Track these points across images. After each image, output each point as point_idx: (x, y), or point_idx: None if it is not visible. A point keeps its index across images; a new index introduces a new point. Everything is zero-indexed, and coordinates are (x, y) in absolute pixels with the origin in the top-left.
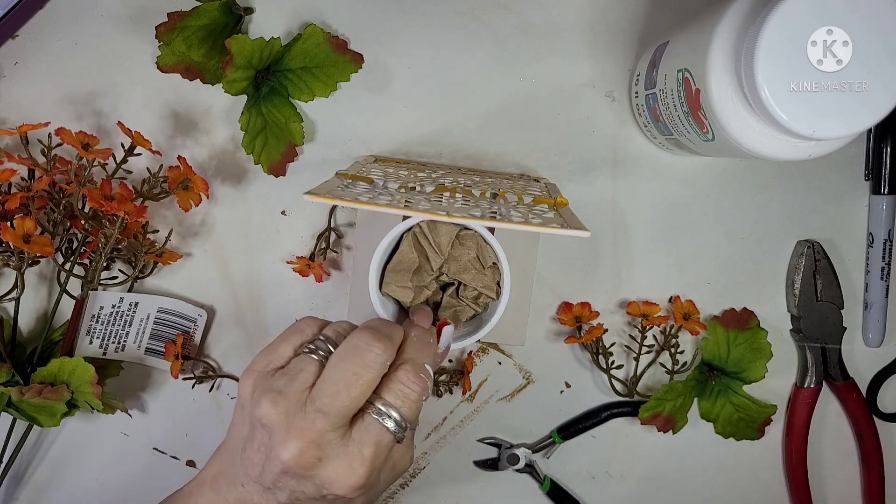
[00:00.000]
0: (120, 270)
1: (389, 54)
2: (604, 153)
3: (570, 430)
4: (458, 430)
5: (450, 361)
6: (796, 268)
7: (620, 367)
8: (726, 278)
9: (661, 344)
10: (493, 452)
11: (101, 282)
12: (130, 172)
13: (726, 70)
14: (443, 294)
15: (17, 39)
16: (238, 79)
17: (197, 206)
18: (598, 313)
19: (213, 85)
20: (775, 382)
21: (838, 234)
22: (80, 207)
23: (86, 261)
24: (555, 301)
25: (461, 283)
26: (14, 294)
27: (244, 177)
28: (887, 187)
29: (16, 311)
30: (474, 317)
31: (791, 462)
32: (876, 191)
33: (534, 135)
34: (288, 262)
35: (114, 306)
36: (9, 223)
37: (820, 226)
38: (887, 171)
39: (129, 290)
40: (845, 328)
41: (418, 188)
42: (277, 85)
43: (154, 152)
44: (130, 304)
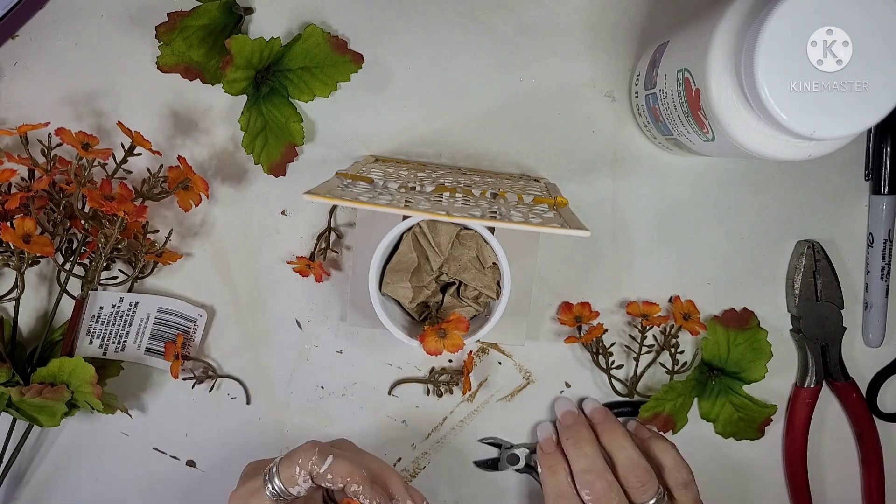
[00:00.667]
0: (120, 270)
1: (389, 54)
2: (604, 153)
3: None
4: (458, 430)
5: (450, 361)
6: (796, 268)
7: (620, 367)
8: (726, 278)
9: (661, 344)
10: (493, 452)
11: (101, 282)
12: (130, 172)
13: (726, 70)
14: (443, 294)
15: (17, 39)
16: (238, 79)
17: (197, 206)
18: (598, 313)
19: (213, 85)
20: (775, 382)
21: (838, 234)
22: (80, 207)
23: (86, 261)
24: (555, 301)
25: (461, 282)
26: (14, 294)
27: (244, 177)
28: (887, 187)
29: (16, 311)
30: (474, 317)
31: (791, 462)
32: (876, 191)
33: (534, 135)
34: (288, 262)
35: (114, 306)
36: (9, 223)
37: (820, 226)
38: (887, 171)
39: (129, 290)
40: (845, 328)
41: (418, 188)
42: (277, 85)
43: (154, 152)
44: (130, 304)
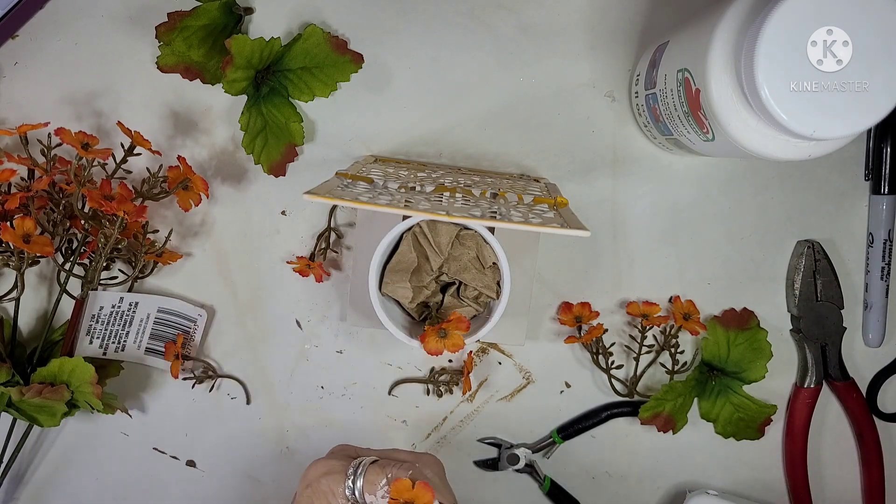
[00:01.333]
0: (120, 270)
1: (389, 54)
2: (604, 153)
3: (570, 430)
4: (458, 430)
5: (449, 361)
6: (796, 268)
7: (620, 367)
8: (726, 278)
9: (661, 344)
10: (493, 452)
11: (101, 282)
12: (130, 172)
13: (726, 70)
14: (443, 294)
15: (17, 39)
16: (238, 79)
17: (197, 206)
18: (598, 313)
19: (213, 85)
20: (775, 382)
21: (838, 234)
22: (79, 207)
23: (86, 261)
24: (555, 301)
25: (461, 282)
26: (14, 294)
27: (244, 177)
28: (887, 187)
29: (16, 311)
30: (474, 317)
31: (791, 462)
32: (876, 191)
33: (534, 135)
34: (288, 262)
35: (114, 306)
36: (9, 223)
37: (820, 226)
38: (887, 171)
39: (129, 290)
40: (845, 328)
41: (418, 188)
42: (277, 85)
43: (154, 152)
44: (130, 304)
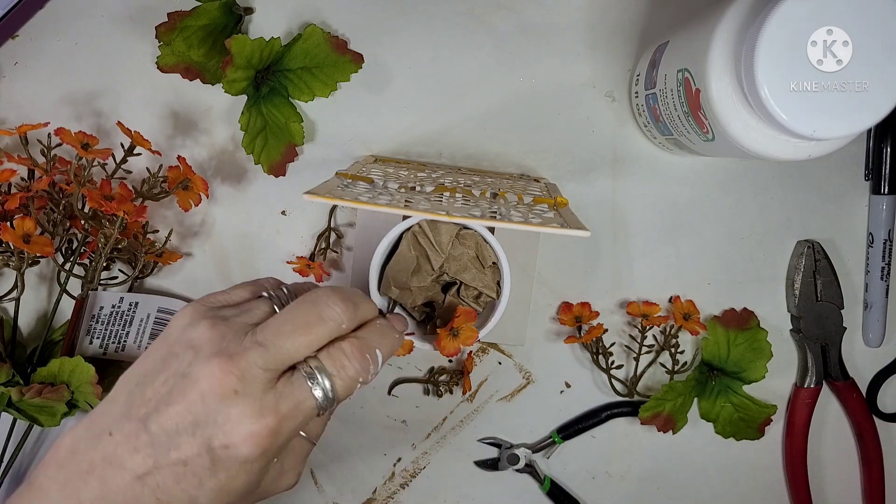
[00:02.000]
0: (120, 270)
1: (389, 54)
2: (604, 153)
3: (570, 430)
4: (458, 430)
5: (449, 361)
6: (796, 268)
7: (620, 367)
8: (726, 278)
9: (661, 344)
10: (493, 452)
11: (101, 282)
12: (130, 172)
13: (726, 70)
14: (444, 295)
15: (17, 39)
16: (238, 79)
17: (197, 206)
18: (598, 313)
19: (213, 85)
20: (775, 382)
21: (838, 234)
22: (79, 207)
23: (86, 261)
24: (555, 301)
25: (462, 282)
26: (14, 294)
27: (244, 177)
28: (887, 187)
29: (16, 311)
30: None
31: (791, 462)
32: (876, 191)
33: (534, 135)
34: (288, 262)
35: (114, 306)
36: (9, 223)
37: (820, 226)
38: (887, 171)
39: (129, 290)
40: (845, 328)
41: (418, 188)
42: (277, 85)
43: (154, 152)
44: (130, 304)
